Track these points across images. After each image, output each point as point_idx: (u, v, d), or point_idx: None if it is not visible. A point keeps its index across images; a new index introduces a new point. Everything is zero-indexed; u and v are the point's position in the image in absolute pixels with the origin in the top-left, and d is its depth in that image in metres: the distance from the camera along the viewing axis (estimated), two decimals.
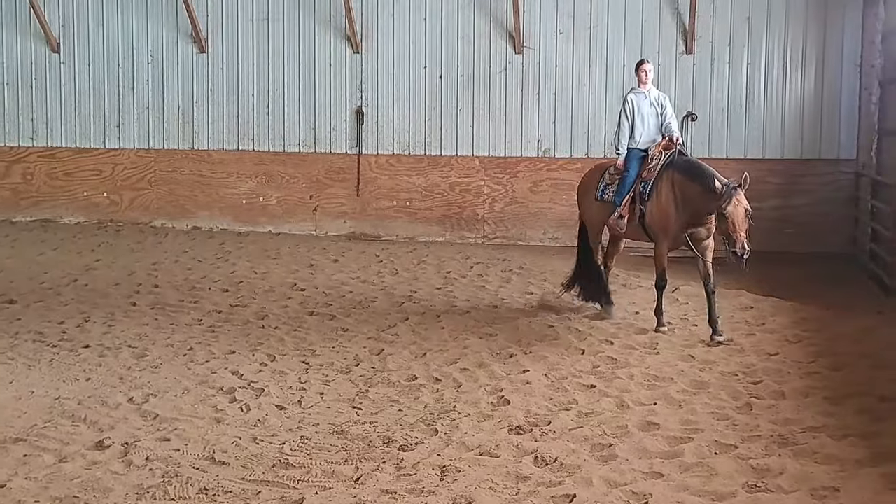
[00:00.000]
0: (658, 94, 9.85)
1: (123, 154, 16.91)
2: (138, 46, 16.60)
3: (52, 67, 16.93)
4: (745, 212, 8.34)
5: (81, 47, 16.84)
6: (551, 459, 5.72)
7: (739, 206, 8.31)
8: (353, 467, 5.68)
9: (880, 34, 12.74)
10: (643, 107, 9.70)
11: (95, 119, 16.89)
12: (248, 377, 7.74)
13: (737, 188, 8.37)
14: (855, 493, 5.17)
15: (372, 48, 15.74)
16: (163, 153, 16.71)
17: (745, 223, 8.34)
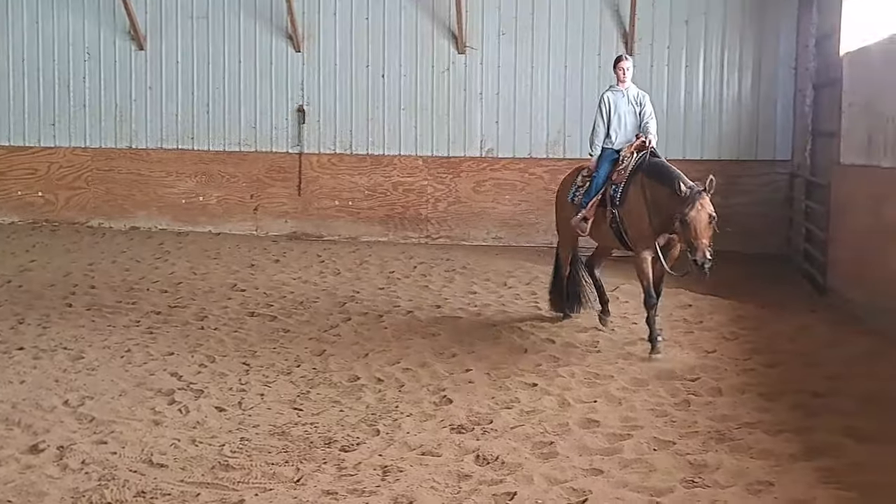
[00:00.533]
0: (637, 93, 9.27)
1: (59, 153, 16.62)
2: (75, 43, 16.35)
3: None
4: (708, 218, 7.75)
5: (17, 44, 16.55)
6: (493, 458, 5.74)
7: (702, 212, 7.73)
8: (293, 468, 5.64)
9: (814, 38, 13.02)
10: (620, 105, 9.17)
11: (30, 117, 16.58)
12: (188, 379, 7.64)
13: (701, 192, 7.81)
14: (789, 487, 5.26)
15: (314, 47, 15.67)
16: (100, 152, 16.45)
17: (709, 230, 7.76)
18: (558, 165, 15.04)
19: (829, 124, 11.87)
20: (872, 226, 9.70)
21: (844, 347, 8.44)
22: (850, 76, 10.95)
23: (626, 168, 8.87)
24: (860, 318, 9.51)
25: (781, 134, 14.51)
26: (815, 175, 12.73)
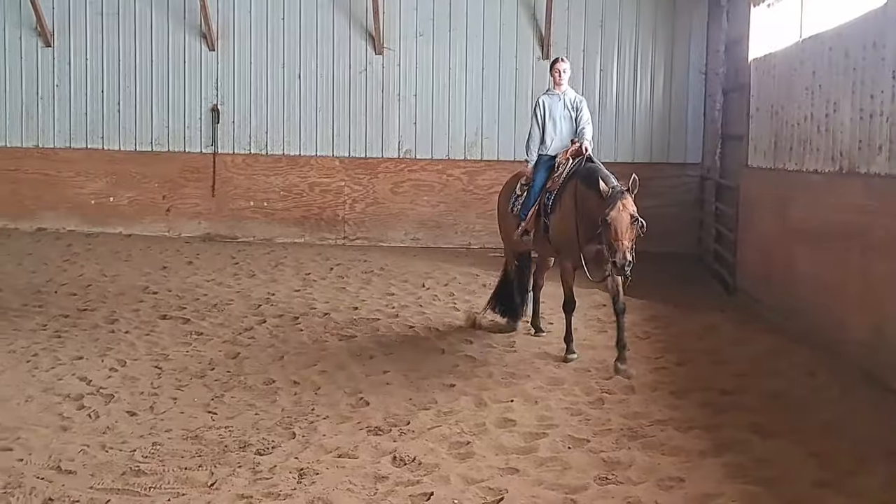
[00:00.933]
0: (575, 97, 8.92)
1: None
2: None
3: None
4: (630, 218, 7.42)
5: None
6: (409, 459, 5.74)
7: (623, 213, 7.41)
8: (207, 472, 5.56)
9: (724, 44, 13.36)
10: (555, 110, 8.83)
11: None
12: (97, 383, 7.47)
13: (624, 192, 7.51)
14: (699, 482, 5.39)
15: (228, 46, 15.48)
16: (5, 151, 15.99)
17: (631, 231, 7.42)
18: (476, 167, 15.16)
19: (737, 128, 12.20)
20: (778, 227, 10.01)
21: (751, 346, 8.68)
22: (757, 82, 11.28)
23: (560, 175, 8.60)
24: (767, 317, 9.80)
25: (692, 137, 14.86)
26: (725, 177, 13.07)
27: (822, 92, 8.87)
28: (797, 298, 9.20)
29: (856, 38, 8.07)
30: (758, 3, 11.39)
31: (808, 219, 9.06)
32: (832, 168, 8.51)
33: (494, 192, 15.40)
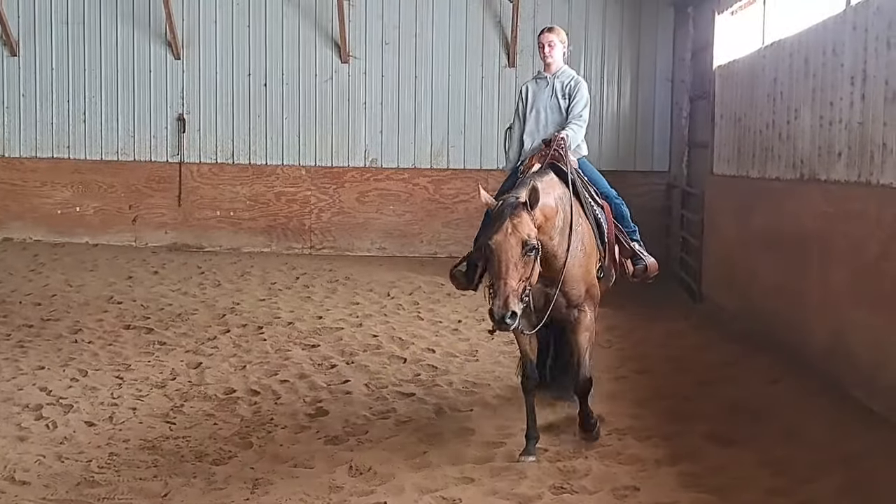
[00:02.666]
0: (570, 80, 6.84)
1: None
2: None
3: None
4: (519, 247, 5.25)
5: None
6: (365, 469, 5.74)
7: (510, 238, 5.26)
8: (161, 483, 5.54)
9: (690, 51, 13.46)
10: (540, 98, 6.83)
11: None
12: (57, 393, 7.41)
13: (517, 206, 5.34)
14: (653, 491, 5.43)
15: (194, 54, 15.42)
16: None
17: (522, 266, 5.27)
18: (442, 175, 15.17)
19: (703, 135, 12.29)
20: (741, 234, 10.09)
21: (713, 353, 8.74)
22: (721, 89, 11.38)
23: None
24: (730, 324, 9.86)
25: (659, 145, 14.94)
26: (691, 185, 13.16)
27: (784, 99, 8.96)
28: (759, 305, 9.27)
29: (815, 45, 8.15)
30: (722, 10, 11.49)
31: (770, 226, 9.14)
32: (793, 175, 8.60)
33: (460, 202, 15.58)
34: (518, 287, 5.24)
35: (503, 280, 5.21)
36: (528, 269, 5.33)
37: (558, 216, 5.78)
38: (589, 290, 6.13)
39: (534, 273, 5.41)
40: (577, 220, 5.99)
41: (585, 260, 6.06)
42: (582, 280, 6.03)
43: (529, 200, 5.38)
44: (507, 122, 14.27)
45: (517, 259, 5.27)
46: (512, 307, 5.17)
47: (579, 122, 6.71)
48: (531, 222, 5.37)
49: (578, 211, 6.07)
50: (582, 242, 6.02)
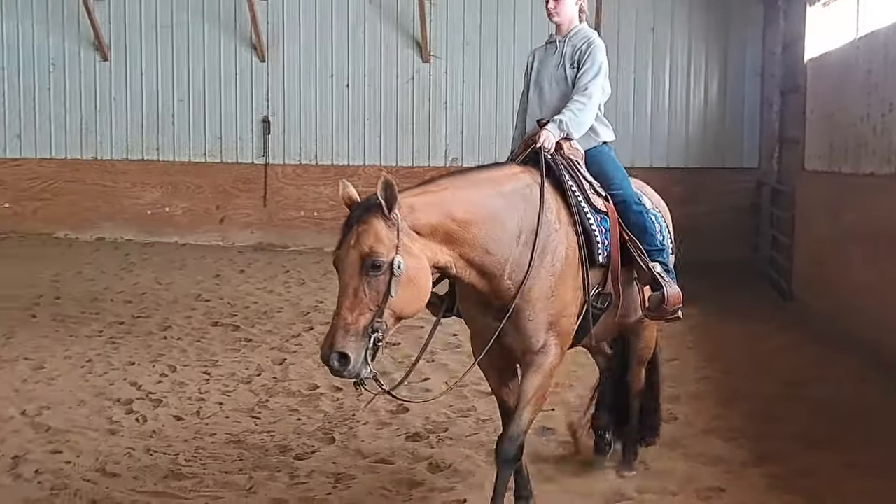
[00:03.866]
0: (582, 43, 5.30)
1: (25, 164, 16.51)
2: (40, 54, 16.24)
3: None
4: (359, 263, 4.04)
5: None
6: (446, 465, 5.76)
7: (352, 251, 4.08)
8: (246, 476, 5.64)
9: (780, 45, 13.15)
10: (546, 68, 5.39)
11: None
12: (147, 388, 7.61)
13: (369, 210, 4.10)
14: (739, 493, 5.34)
15: (278, 57, 15.67)
16: (66, 163, 16.36)
17: (368, 291, 4.03)
18: None
19: (794, 131, 12.01)
20: (833, 231, 9.82)
21: (801, 353, 8.54)
22: (813, 83, 11.09)
23: None
24: (820, 324, 9.61)
25: (748, 141, 14.63)
26: (782, 182, 12.86)
27: (878, 92, 8.68)
28: (851, 304, 9.01)
29: None
30: (814, 2, 11.21)
31: (863, 223, 8.88)
32: (888, 170, 8.33)
33: None
34: (356, 320, 3.98)
35: (340, 313, 4.03)
36: (378, 295, 4.01)
37: (494, 223, 4.42)
38: (555, 323, 4.60)
39: (392, 300, 4.01)
40: (550, 229, 4.60)
41: (554, 282, 4.56)
42: (543, 308, 4.55)
43: (384, 200, 4.03)
44: None
45: (356, 281, 4.02)
46: (339, 347, 3.96)
47: (583, 98, 5.12)
48: (386, 230, 4.04)
49: (559, 217, 4.67)
50: (553, 258, 4.58)
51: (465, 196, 4.42)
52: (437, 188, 4.42)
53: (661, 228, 5.37)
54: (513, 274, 4.47)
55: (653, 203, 5.54)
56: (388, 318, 4.06)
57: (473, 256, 4.38)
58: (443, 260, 4.30)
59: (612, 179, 5.16)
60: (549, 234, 4.59)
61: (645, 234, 5.08)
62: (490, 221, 4.42)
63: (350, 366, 3.98)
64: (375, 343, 4.03)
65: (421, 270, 4.15)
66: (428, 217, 4.23)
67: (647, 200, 5.45)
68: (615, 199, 5.04)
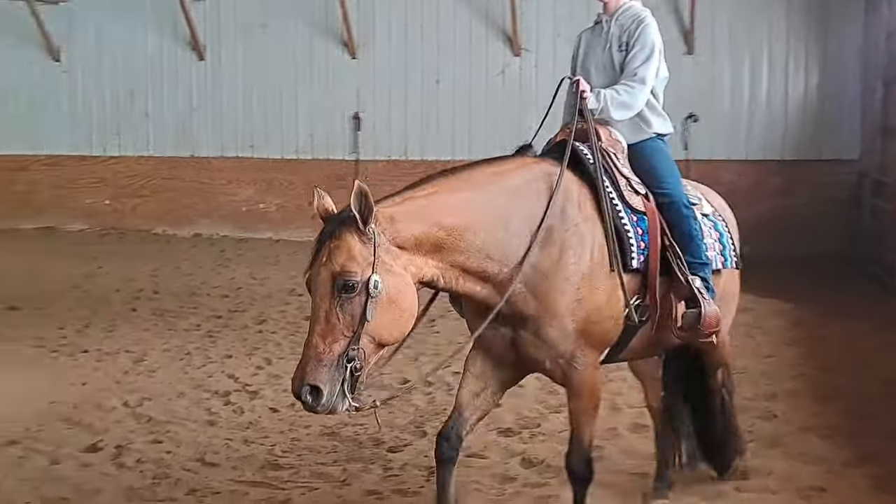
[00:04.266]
0: (632, 22, 4.78)
1: (124, 162, 16.99)
2: (138, 55, 16.67)
3: (54, 76, 17.01)
4: (330, 283, 3.71)
5: (83, 56, 16.92)
6: (538, 461, 5.76)
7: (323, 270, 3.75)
8: (340, 468, 5.73)
9: (884, 33, 12.73)
10: (593, 52, 4.90)
11: (97, 126, 16.96)
12: (244, 380, 7.77)
13: (342, 224, 3.81)
14: (841, 493, 5.21)
15: (369, 53, 15.79)
16: (164, 160, 16.78)
17: (337, 316, 3.68)
18: None
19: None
20: None
21: None
22: None
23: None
24: None
25: (848, 132, 14.18)
26: (885, 174, 12.46)
27: None
28: None
29: None
30: None
31: None
32: None
33: None
34: (329, 347, 3.62)
35: (311, 340, 3.68)
36: (353, 320, 3.64)
37: (495, 225, 4.02)
38: (585, 332, 4.12)
39: (369, 325, 3.64)
40: (569, 224, 4.16)
41: (578, 283, 4.10)
42: (569, 315, 4.08)
43: (359, 212, 3.70)
44: (686, 111, 14.28)
45: (328, 304, 3.66)
46: (310, 379, 3.61)
47: (632, 83, 4.58)
48: (361, 247, 3.69)
49: (584, 210, 4.23)
50: (575, 257, 4.13)
51: (457, 199, 4.00)
52: (423, 192, 3.99)
53: (719, 237, 4.88)
54: (525, 276, 4.03)
55: (714, 209, 5.03)
56: (367, 344, 3.68)
57: (470, 264, 3.98)
58: (429, 274, 3.89)
59: (660, 177, 4.59)
60: (569, 230, 4.14)
61: (690, 242, 4.53)
62: (490, 224, 4.01)
63: (323, 400, 3.63)
64: (353, 373, 3.65)
65: (404, 290, 3.75)
66: (410, 229, 3.84)
67: (707, 206, 4.95)
68: (660, 200, 4.49)
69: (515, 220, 4.08)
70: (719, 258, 4.83)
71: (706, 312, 4.40)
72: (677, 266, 4.40)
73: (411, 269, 3.83)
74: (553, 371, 4.23)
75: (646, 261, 4.31)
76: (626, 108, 4.58)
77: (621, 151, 4.57)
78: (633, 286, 4.27)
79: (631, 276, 4.27)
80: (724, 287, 4.82)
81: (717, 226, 4.93)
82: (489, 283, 4.03)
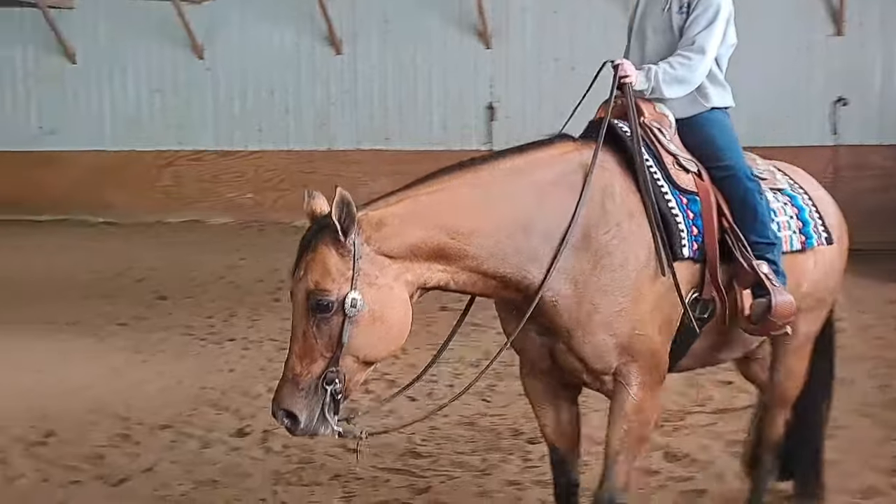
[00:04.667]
0: None
1: (265, 156, 17.44)
2: (277, 51, 17.07)
3: (198, 74, 17.59)
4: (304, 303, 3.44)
5: (225, 53, 17.43)
6: (682, 454, 5.64)
7: (299, 284, 3.49)
8: (480, 458, 5.74)
9: None
10: (651, 13, 4.35)
11: (239, 122, 17.47)
12: (382, 369, 7.83)
13: (318, 233, 3.50)
14: None
15: (503, 43, 15.75)
16: (303, 154, 17.16)
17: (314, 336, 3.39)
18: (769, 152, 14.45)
19: None
20: None
21: None
22: None
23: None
24: None
25: None
26: None
27: None
28: None
29: None
30: None
31: None
32: None
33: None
34: (307, 369, 3.33)
35: (289, 361, 3.40)
36: (330, 340, 3.33)
37: (515, 226, 3.57)
38: (627, 346, 3.63)
39: (351, 345, 3.32)
40: (610, 224, 3.66)
41: (617, 293, 3.60)
42: (603, 328, 3.60)
43: (339, 222, 3.34)
44: (835, 95, 13.72)
45: (305, 323, 3.37)
46: (285, 404, 3.33)
47: (689, 52, 4.05)
48: (337, 260, 3.35)
49: (627, 205, 3.72)
50: (614, 263, 3.62)
51: (465, 198, 3.55)
52: (426, 190, 3.58)
53: (798, 213, 4.27)
54: (555, 285, 3.56)
55: (794, 183, 4.45)
56: (351, 364, 3.36)
57: (486, 268, 3.55)
58: (434, 279, 3.54)
59: (719, 149, 4.07)
60: (609, 230, 3.63)
61: (755, 219, 3.94)
62: (504, 226, 3.54)
63: (301, 426, 3.32)
64: (334, 396, 3.33)
65: (391, 304, 3.39)
66: (403, 234, 3.44)
67: (782, 180, 4.38)
68: (719, 174, 3.98)
69: (540, 221, 3.58)
70: (797, 237, 4.23)
71: (776, 301, 3.80)
72: (740, 250, 3.84)
73: (407, 277, 3.45)
74: (600, 390, 3.81)
75: (700, 248, 3.78)
76: (681, 84, 4.06)
77: (668, 126, 4.06)
78: (687, 278, 3.74)
79: (684, 267, 3.73)
80: (816, 266, 4.31)
81: (796, 200, 4.33)
82: (511, 289, 3.62)
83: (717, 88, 4.24)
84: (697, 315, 3.74)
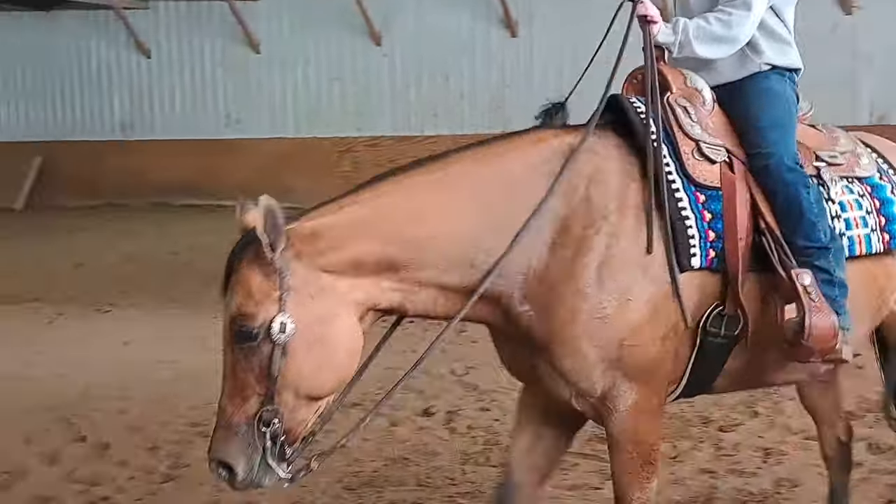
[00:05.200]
0: None
1: (441, 141, 17.55)
2: (452, 36, 17.21)
3: (376, 60, 17.96)
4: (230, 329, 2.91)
5: (402, 40, 17.73)
6: (886, 447, 5.38)
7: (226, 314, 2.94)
8: (670, 445, 5.63)
9: None
10: None
11: (416, 108, 17.73)
12: None
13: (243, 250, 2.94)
14: None
15: None
16: (476, 137, 17.07)
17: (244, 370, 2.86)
18: None
19: None
20: None
21: None
22: None
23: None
24: None
25: None
26: None
27: None
28: None
29: None
30: None
31: None
32: None
33: None
34: (239, 410, 2.84)
35: (219, 399, 2.91)
36: (261, 373, 2.82)
37: (482, 228, 3.07)
38: (616, 358, 3.04)
39: (286, 378, 2.82)
40: (604, 223, 3.10)
41: (601, 297, 3.03)
42: (584, 337, 3.03)
43: (265, 236, 2.81)
44: None
45: (232, 356, 2.88)
46: (220, 454, 2.83)
47: (731, 8, 3.35)
48: (261, 280, 2.83)
49: (629, 200, 3.15)
50: (596, 263, 3.04)
51: (420, 198, 3.07)
52: (375, 193, 3.06)
53: (881, 207, 3.54)
54: (528, 289, 3.05)
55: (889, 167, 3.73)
56: (290, 399, 2.83)
57: (448, 280, 3.03)
58: (386, 300, 3.00)
59: (760, 130, 3.33)
60: (594, 224, 3.07)
61: (800, 219, 3.22)
62: (468, 227, 3.04)
63: (239, 478, 2.81)
64: (274, 439, 2.81)
65: (331, 325, 2.87)
66: (342, 248, 2.91)
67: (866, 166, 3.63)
68: (756, 164, 3.28)
69: (511, 218, 3.04)
70: (877, 236, 3.48)
71: (811, 323, 3.05)
72: (778, 256, 3.15)
73: (356, 295, 2.92)
74: (586, 412, 3.19)
75: (719, 255, 3.12)
76: (718, 43, 3.37)
77: (701, 104, 3.38)
78: (706, 290, 3.12)
79: (699, 278, 3.11)
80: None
81: (882, 191, 3.58)
82: (483, 301, 3.03)
83: (773, 43, 3.51)
84: (724, 332, 3.12)
